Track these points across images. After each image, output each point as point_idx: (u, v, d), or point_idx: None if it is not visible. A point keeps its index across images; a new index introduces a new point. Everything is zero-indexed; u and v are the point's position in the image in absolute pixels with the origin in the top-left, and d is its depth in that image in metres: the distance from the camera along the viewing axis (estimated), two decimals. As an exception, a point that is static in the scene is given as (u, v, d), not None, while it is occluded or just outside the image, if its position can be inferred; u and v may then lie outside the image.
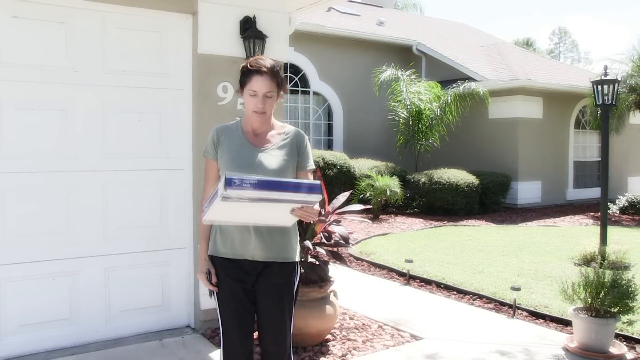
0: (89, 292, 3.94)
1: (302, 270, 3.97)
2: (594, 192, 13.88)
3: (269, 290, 2.54)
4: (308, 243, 3.89)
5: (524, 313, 4.83)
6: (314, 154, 10.32)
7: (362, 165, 11.36)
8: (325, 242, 4.00)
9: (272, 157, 2.49)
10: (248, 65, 2.44)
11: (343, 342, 4.04)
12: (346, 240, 4.06)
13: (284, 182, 2.12)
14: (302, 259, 3.96)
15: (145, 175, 4.12)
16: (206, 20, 4.14)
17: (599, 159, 13.47)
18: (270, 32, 4.34)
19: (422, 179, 11.14)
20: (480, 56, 15.05)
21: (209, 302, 4.19)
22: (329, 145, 13.62)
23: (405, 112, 12.12)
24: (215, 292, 2.54)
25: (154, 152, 4.15)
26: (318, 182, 2.17)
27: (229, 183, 1.99)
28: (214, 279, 2.51)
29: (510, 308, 4.89)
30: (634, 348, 4.04)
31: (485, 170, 12.35)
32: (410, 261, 6.11)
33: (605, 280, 3.90)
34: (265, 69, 2.40)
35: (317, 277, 3.90)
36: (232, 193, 2.01)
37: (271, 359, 2.61)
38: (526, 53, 17.50)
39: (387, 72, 12.03)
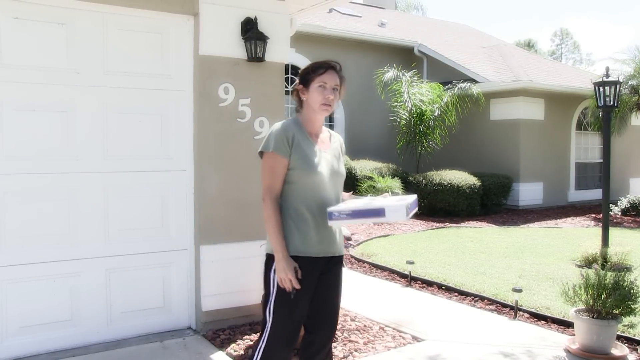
0: (90, 293, 3.94)
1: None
2: (596, 194, 13.85)
3: (335, 283, 2.68)
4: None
5: (526, 314, 4.82)
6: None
7: (363, 167, 11.36)
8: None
9: (338, 161, 2.70)
10: (316, 63, 2.59)
11: (344, 344, 4.03)
12: (347, 239, 4.05)
13: (415, 202, 2.56)
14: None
15: (146, 177, 4.12)
16: (207, 21, 4.14)
17: (601, 160, 13.47)
18: (271, 33, 4.34)
19: (424, 181, 11.13)
20: (481, 57, 15.05)
21: (210, 304, 4.21)
22: (331, 147, 13.61)
23: (406, 114, 12.12)
24: (292, 292, 2.47)
25: (155, 153, 4.15)
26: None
27: (412, 208, 2.38)
28: (299, 275, 2.48)
29: (512, 310, 4.88)
30: (635, 350, 4.03)
31: (487, 171, 12.34)
32: (412, 263, 6.11)
33: (607, 282, 3.89)
34: (334, 64, 2.59)
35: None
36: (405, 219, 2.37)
37: (322, 350, 2.68)
38: (528, 54, 17.50)
39: (389, 74, 12.03)
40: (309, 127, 2.64)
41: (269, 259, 2.57)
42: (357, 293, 5.46)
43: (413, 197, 2.58)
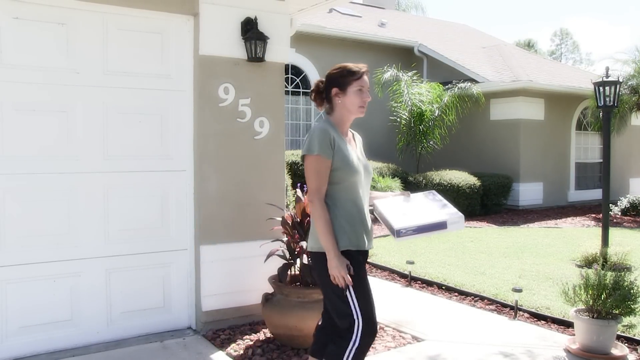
0: (90, 293, 3.94)
1: (300, 272, 3.97)
2: (596, 194, 13.86)
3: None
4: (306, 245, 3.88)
5: (526, 314, 4.82)
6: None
7: (363, 167, 11.33)
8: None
9: (365, 159, 2.87)
10: (352, 67, 2.75)
11: (344, 344, 4.02)
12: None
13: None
14: (302, 261, 3.96)
15: (146, 177, 4.12)
16: (207, 21, 4.14)
17: (601, 160, 13.46)
18: (271, 33, 4.34)
19: (424, 181, 11.13)
20: (481, 57, 15.05)
21: (210, 304, 4.21)
22: (331, 147, 13.59)
23: (406, 114, 12.11)
24: (350, 286, 2.61)
25: (155, 153, 4.15)
26: None
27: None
28: (352, 272, 2.61)
29: (512, 309, 4.88)
30: (635, 350, 4.03)
31: (487, 171, 12.34)
32: (412, 263, 6.11)
33: (607, 282, 3.89)
34: (366, 69, 2.79)
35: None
36: None
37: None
38: (527, 54, 17.49)
39: (388, 73, 12.02)
40: (341, 128, 2.78)
41: (322, 258, 2.63)
42: (357, 293, 5.45)
43: (432, 193, 2.86)
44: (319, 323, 2.96)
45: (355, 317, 2.64)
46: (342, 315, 2.66)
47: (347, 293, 2.62)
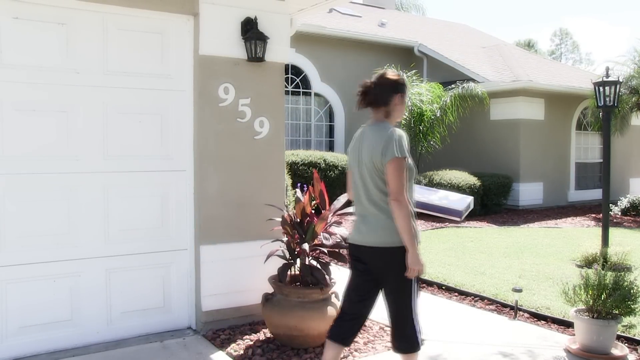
0: (90, 293, 3.94)
1: (300, 272, 3.97)
2: (596, 194, 13.85)
3: None
4: (306, 246, 3.88)
5: (526, 314, 4.82)
6: (315, 156, 10.34)
7: (363, 167, 11.32)
8: (326, 243, 3.98)
9: None
10: (403, 78, 3.04)
11: (344, 344, 4.03)
12: (346, 240, 4.05)
13: None
14: (302, 262, 3.96)
15: (146, 177, 4.12)
16: (207, 21, 4.14)
17: (601, 160, 13.46)
18: (271, 33, 4.34)
19: (424, 180, 11.13)
20: (481, 57, 15.04)
21: (210, 304, 4.21)
22: (330, 147, 13.62)
23: (406, 113, 12.11)
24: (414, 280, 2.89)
25: (155, 153, 4.15)
26: None
27: None
28: None
29: (512, 310, 4.88)
30: (635, 350, 4.03)
31: (487, 171, 12.34)
32: (412, 262, 6.10)
33: (607, 282, 3.89)
34: None
35: (318, 279, 3.89)
36: None
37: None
38: (528, 54, 17.49)
39: (387, 74, 12.01)
40: None
41: (400, 252, 2.81)
42: (357, 293, 5.45)
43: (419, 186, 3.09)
44: (345, 310, 3.13)
45: (413, 301, 2.92)
46: (405, 303, 2.91)
47: (413, 282, 2.89)
